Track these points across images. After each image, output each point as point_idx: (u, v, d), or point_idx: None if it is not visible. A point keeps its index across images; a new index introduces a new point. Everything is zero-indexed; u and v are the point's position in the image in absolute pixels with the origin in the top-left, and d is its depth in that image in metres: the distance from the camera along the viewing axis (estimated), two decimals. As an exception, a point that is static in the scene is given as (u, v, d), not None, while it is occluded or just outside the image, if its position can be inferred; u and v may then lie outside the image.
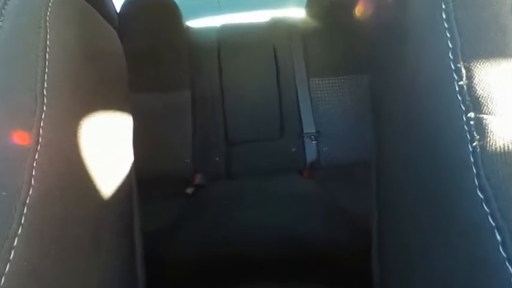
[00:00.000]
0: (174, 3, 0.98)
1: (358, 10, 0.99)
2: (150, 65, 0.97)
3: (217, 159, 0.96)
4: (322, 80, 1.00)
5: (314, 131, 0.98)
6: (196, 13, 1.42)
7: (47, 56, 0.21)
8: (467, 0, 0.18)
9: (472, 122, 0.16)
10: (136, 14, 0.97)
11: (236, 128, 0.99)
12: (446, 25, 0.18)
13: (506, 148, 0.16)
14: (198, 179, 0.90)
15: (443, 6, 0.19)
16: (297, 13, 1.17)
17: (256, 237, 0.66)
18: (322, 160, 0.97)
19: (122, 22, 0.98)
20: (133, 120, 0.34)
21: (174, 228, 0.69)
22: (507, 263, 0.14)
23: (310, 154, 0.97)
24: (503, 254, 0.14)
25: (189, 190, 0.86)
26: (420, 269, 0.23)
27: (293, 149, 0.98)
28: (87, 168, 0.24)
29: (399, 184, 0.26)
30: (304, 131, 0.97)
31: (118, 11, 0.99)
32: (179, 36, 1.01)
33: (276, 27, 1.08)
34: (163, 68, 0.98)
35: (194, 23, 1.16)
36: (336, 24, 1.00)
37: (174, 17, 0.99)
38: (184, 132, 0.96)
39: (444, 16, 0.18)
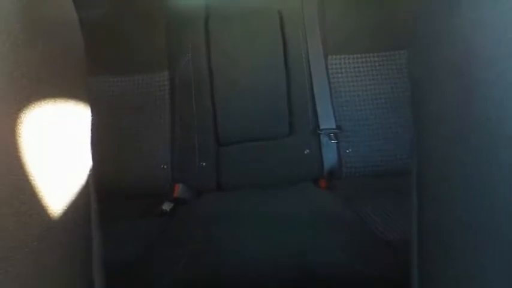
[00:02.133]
0: None
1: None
2: (114, 40, 0.97)
3: (203, 164, 0.96)
4: (344, 59, 1.00)
5: (334, 127, 0.98)
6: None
7: None
8: None
9: None
10: None
11: (229, 122, 0.99)
12: None
13: None
14: (179, 191, 0.90)
15: None
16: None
17: (258, 271, 0.66)
18: (344, 166, 0.97)
19: None
20: (93, 112, 0.34)
21: (146, 258, 0.69)
22: None
23: (329, 157, 0.97)
24: None
25: (167, 206, 0.86)
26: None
27: (306, 151, 0.98)
28: (31, 178, 0.24)
29: (450, 199, 0.25)
30: (321, 127, 0.98)
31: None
32: (153, 3, 1.01)
33: None
34: (132, 43, 0.98)
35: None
36: None
37: None
38: (161, 127, 0.96)
39: None
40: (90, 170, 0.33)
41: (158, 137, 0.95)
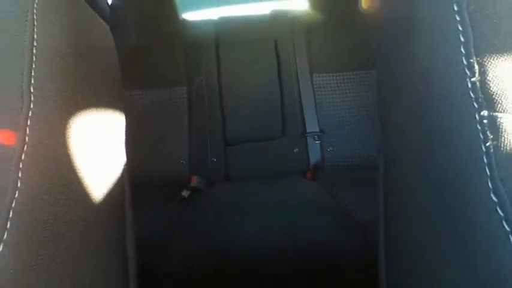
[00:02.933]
0: None
1: (364, 3, 1.00)
2: (144, 61, 0.97)
3: (214, 160, 0.96)
4: (326, 76, 1.00)
5: (318, 131, 0.98)
6: (193, 5, 1.42)
7: (34, 51, 0.21)
8: None
9: (485, 121, 0.16)
10: (129, 6, 0.98)
11: (235, 127, 0.99)
12: (458, 18, 0.18)
13: None
14: (195, 181, 0.90)
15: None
16: (300, 5, 1.17)
17: (257, 245, 0.66)
18: (326, 161, 0.97)
19: (114, 14, 0.98)
20: (127, 119, 0.34)
21: (168, 235, 0.69)
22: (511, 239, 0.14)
23: (314, 155, 0.97)
24: None
25: (185, 193, 0.86)
26: (430, 278, 0.23)
27: (295, 150, 0.98)
28: (78, 170, 0.24)
29: (408, 189, 0.25)
30: (308, 131, 0.98)
31: (109, 2, 1.00)
32: (174, 30, 1.02)
33: (277, 20, 1.09)
34: (157, 64, 0.98)
35: (191, 16, 1.16)
36: (341, 18, 1.00)
37: (170, 9, 0.99)
38: (180, 131, 0.96)
39: (456, 8, 0.19)
40: (125, 165, 0.33)
41: (178, 139, 0.95)
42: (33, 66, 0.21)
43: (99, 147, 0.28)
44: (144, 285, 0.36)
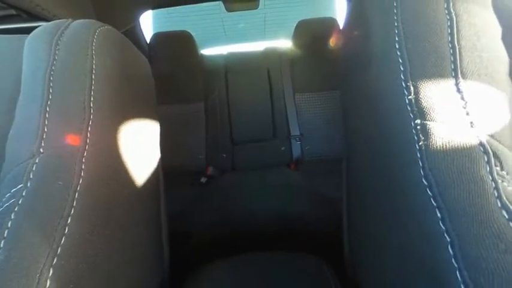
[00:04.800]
0: (191, 35, 0.98)
1: (332, 42, 1.00)
2: (173, 84, 0.97)
3: (224, 155, 0.96)
4: (305, 95, 1.00)
5: (298, 134, 0.98)
6: (208, 43, 1.41)
7: (93, 77, 0.21)
8: (414, 33, 0.18)
9: (418, 127, 0.16)
10: (162, 44, 0.97)
11: (239, 131, 0.99)
12: (398, 53, 0.18)
13: (444, 146, 0.16)
14: (210, 171, 0.90)
15: (397, 39, 0.19)
16: (286, 44, 1.17)
17: (255, 217, 0.66)
18: (305, 156, 0.98)
19: (151, 51, 0.97)
20: (160, 126, 0.33)
21: (192, 209, 0.69)
22: (445, 234, 0.14)
23: (296, 151, 0.97)
24: (442, 227, 0.14)
25: (203, 180, 0.86)
26: (380, 239, 0.23)
27: (283, 148, 0.98)
28: (125, 162, 0.24)
29: (363, 175, 0.26)
30: (291, 134, 0.99)
31: (148, 42, 0.99)
32: (195, 62, 1.02)
33: (269, 54, 1.09)
34: (183, 87, 0.98)
35: (207, 51, 1.16)
36: (316, 53, 1.00)
37: (191, 46, 0.99)
38: (200, 134, 0.96)
39: (397, 46, 0.19)
40: (159, 159, 0.32)
41: (197, 140, 0.95)
42: (92, 87, 0.20)
43: (140, 146, 0.28)
44: (175, 248, 0.36)
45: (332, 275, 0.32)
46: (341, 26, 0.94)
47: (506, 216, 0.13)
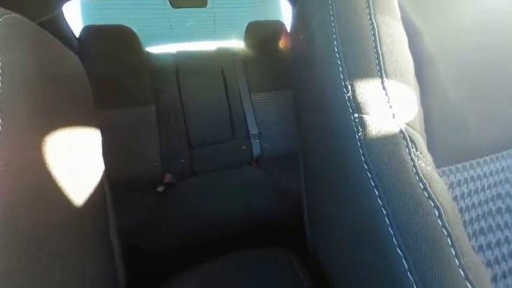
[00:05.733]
0: (131, 30, 0.88)
1: (281, 44, 1.06)
2: (117, 86, 0.86)
3: (182, 161, 0.91)
4: (260, 95, 1.03)
5: (257, 133, 1.01)
6: (153, 40, 1.30)
7: (0, 78, 0.16)
8: (348, 39, 0.21)
9: (356, 120, 0.19)
10: (96, 39, 0.84)
11: (196, 134, 0.95)
12: (337, 56, 0.21)
13: (376, 135, 0.19)
14: (168, 178, 0.84)
15: (335, 43, 0.21)
16: (238, 44, 1.18)
17: (222, 219, 0.65)
18: (265, 153, 1.01)
19: (81, 46, 0.83)
20: (103, 133, 0.29)
21: (152, 221, 0.63)
22: (382, 209, 0.17)
23: (256, 150, 0.99)
24: (380, 202, 0.17)
25: (160, 189, 0.79)
26: (334, 221, 0.25)
27: (243, 147, 0.99)
28: (57, 181, 0.20)
29: (317, 166, 0.28)
30: (250, 133, 1.01)
31: (77, 36, 0.85)
32: (140, 60, 0.92)
33: (222, 54, 1.07)
34: (129, 88, 0.88)
35: (153, 49, 1.06)
36: (267, 53, 1.04)
37: (134, 43, 0.89)
38: (153, 140, 0.88)
39: (336, 50, 0.21)
40: (103, 172, 0.28)
41: (151, 146, 0.87)
42: (0, 91, 0.16)
43: (77, 159, 0.24)
44: (133, 265, 0.32)
45: (298, 262, 0.34)
46: (288, 29, 1.00)
47: (422, 187, 0.16)
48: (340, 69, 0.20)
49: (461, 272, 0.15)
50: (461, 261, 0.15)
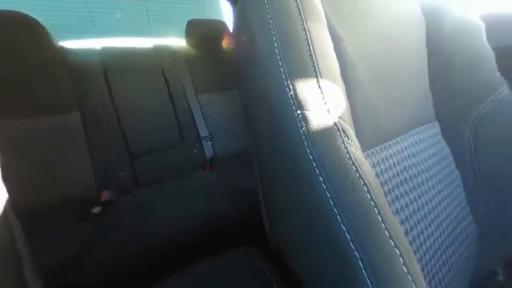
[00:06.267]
0: (34, 19, 0.70)
1: (224, 44, 1.06)
2: (18, 89, 0.67)
3: (122, 173, 0.79)
4: (207, 95, 1.00)
5: (208, 135, 0.98)
6: (70, 34, 1.08)
7: None
8: (287, 42, 0.23)
9: (300, 116, 0.21)
10: None
11: (137, 142, 0.84)
12: (278, 57, 0.22)
13: (317, 128, 0.21)
14: (105, 196, 0.71)
15: (276, 45, 0.23)
16: (178, 42, 1.11)
17: (175, 231, 0.59)
18: (218, 155, 0.99)
19: None
20: (4, 150, 0.22)
21: (85, 252, 0.52)
22: (326, 192, 0.19)
23: (208, 152, 0.96)
24: (324, 186, 0.20)
25: (96, 210, 0.66)
26: (288, 210, 0.27)
27: (194, 151, 0.94)
28: None
29: (269, 162, 0.29)
30: (201, 135, 0.97)
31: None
32: (51, 56, 0.74)
33: (161, 53, 0.98)
34: (38, 92, 0.70)
35: (69, 44, 0.88)
36: (211, 53, 1.02)
37: (38, 34, 0.72)
38: (81, 154, 0.73)
39: (277, 51, 0.23)
40: (7, 201, 0.22)
41: (79, 162, 0.72)
42: None
43: None
44: None
45: (261, 259, 0.35)
46: (230, 30, 1.01)
47: (355, 169, 0.20)
48: (282, 69, 0.22)
49: (387, 233, 0.18)
50: (386, 225, 0.19)
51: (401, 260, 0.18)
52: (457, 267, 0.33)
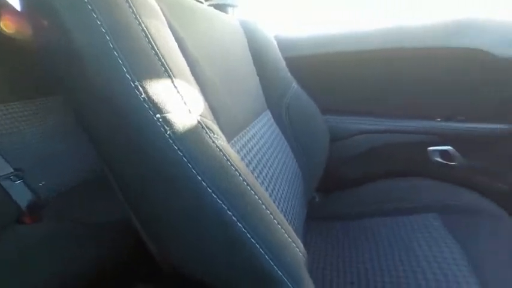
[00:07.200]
0: None
1: (4, 25, 0.68)
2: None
3: None
4: (6, 106, 0.60)
5: (12, 171, 0.60)
6: None
7: None
8: (123, 33, 0.19)
9: (161, 120, 0.19)
10: None
11: None
12: (115, 53, 0.19)
13: (183, 130, 0.21)
14: None
15: (108, 38, 0.19)
16: None
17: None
18: (43, 195, 0.65)
19: None
20: None
21: None
22: (208, 189, 0.20)
23: (22, 196, 0.60)
24: (204, 184, 0.20)
25: None
26: (173, 219, 0.24)
27: None
28: None
29: (133, 177, 0.23)
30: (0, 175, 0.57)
31: None
32: None
33: None
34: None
35: None
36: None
37: None
38: None
39: (111, 46, 0.19)
40: None
41: None
42: None
43: None
44: None
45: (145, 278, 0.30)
46: (12, 7, 0.66)
47: (226, 159, 0.22)
48: (124, 68, 0.19)
49: (263, 206, 0.23)
50: (260, 199, 0.23)
51: (279, 227, 0.24)
52: (294, 202, 0.50)
